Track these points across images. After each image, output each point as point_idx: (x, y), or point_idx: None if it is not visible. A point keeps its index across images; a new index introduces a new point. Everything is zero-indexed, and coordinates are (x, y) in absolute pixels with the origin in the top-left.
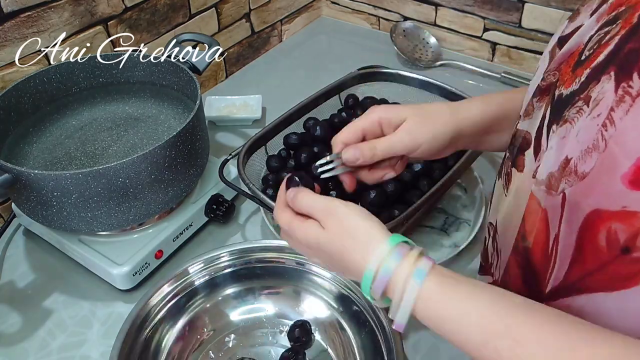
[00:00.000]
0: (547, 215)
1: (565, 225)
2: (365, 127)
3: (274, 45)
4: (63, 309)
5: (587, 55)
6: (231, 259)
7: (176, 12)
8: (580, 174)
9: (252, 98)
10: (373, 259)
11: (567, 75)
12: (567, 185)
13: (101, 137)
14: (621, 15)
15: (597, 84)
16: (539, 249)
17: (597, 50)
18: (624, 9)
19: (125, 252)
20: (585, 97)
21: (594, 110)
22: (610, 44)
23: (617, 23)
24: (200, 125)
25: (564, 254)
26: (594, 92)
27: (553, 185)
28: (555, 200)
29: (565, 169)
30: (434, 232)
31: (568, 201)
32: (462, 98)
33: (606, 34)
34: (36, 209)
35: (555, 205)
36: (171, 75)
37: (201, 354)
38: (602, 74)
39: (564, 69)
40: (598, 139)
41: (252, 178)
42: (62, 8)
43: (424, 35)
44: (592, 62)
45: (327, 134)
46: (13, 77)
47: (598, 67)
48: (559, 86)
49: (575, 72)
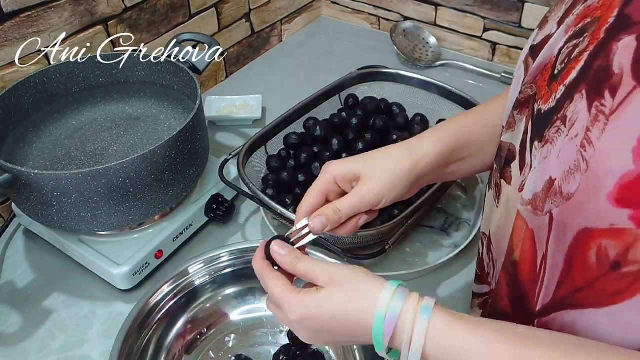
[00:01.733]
0: (534, 235)
1: (553, 244)
2: (322, 189)
3: (274, 45)
4: (63, 309)
5: (559, 69)
6: (231, 259)
7: (176, 12)
8: (565, 194)
9: (252, 98)
10: (380, 304)
11: (544, 89)
12: (554, 206)
13: (101, 137)
14: (588, 28)
15: (571, 102)
16: (526, 268)
17: (568, 66)
18: (589, 20)
19: (125, 252)
20: (562, 117)
21: (571, 131)
22: (580, 61)
23: (584, 36)
24: (200, 125)
25: (553, 272)
26: (568, 111)
27: (538, 205)
28: (541, 221)
29: (550, 189)
30: (434, 232)
31: (556, 221)
32: (462, 98)
33: (574, 47)
34: (36, 209)
35: (543, 226)
36: (171, 75)
37: (201, 354)
38: (575, 92)
39: (540, 83)
40: (579, 160)
41: (252, 178)
42: (62, 8)
43: (424, 35)
44: (565, 79)
45: (327, 134)
46: (13, 77)
47: (571, 84)
48: (537, 100)
49: (550, 87)
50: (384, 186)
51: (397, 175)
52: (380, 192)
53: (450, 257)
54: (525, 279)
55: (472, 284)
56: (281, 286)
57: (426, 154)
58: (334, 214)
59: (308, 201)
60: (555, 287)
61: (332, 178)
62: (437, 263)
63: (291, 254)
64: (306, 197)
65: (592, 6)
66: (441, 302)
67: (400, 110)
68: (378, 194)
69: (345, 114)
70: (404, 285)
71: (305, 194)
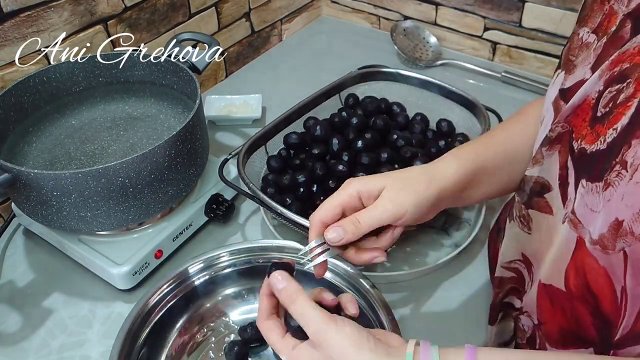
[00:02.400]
0: (607, 272)
1: (631, 278)
2: (343, 202)
3: (274, 44)
4: (63, 308)
5: (604, 112)
6: (231, 259)
7: (176, 11)
8: (637, 235)
9: (252, 97)
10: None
11: (585, 129)
12: (626, 245)
13: (101, 137)
14: (629, 74)
15: (629, 148)
16: (607, 300)
17: (616, 111)
18: (628, 66)
19: (125, 252)
20: (622, 162)
21: (635, 175)
22: (630, 107)
23: (627, 82)
24: (200, 125)
25: (634, 303)
26: (628, 156)
27: (607, 245)
28: (614, 258)
29: (619, 230)
30: (434, 231)
31: (630, 258)
32: (463, 97)
33: (619, 93)
34: (36, 209)
35: (616, 262)
36: (171, 75)
37: (201, 354)
38: (631, 137)
39: (575, 122)
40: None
41: (252, 178)
42: (62, 7)
43: (425, 35)
44: (614, 123)
45: (328, 133)
46: (13, 77)
47: (624, 130)
48: (576, 139)
49: (594, 128)
50: (408, 201)
51: (422, 193)
52: (403, 204)
53: (451, 257)
54: (608, 309)
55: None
56: (275, 335)
57: (450, 175)
58: (352, 224)
59: (323, 212)
60: (634, 318)
61: (357, 193)
62: (438, 263)
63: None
64: (323, 205)
65: (627, 52)
66: (441, 301)
67: (400, 109)
68: (401, 206)
69: (346, 113)
70: (417, 346)
71: (322, 204)
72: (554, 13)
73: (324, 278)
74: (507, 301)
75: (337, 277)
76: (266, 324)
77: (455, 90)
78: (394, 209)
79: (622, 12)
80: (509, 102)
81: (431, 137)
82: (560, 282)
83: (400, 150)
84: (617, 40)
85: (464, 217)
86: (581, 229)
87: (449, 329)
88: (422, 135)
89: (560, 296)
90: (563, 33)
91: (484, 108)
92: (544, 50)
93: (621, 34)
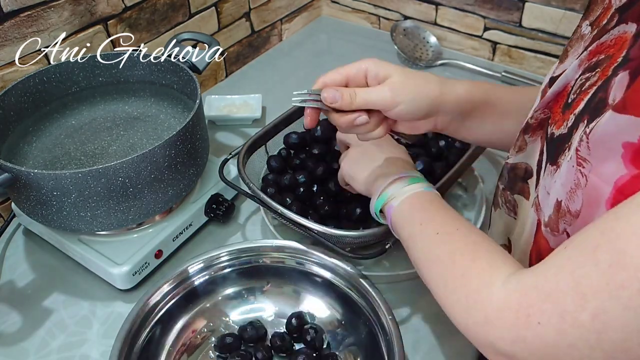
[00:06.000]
0: None
1: None
2: (350, 73)
3: (274, 44)
4: (63, 308)
5: (572, 99)
6: (231, 259)
7: (176, 11)
8: (573, 212)
9: (252, 97)
10: None
11: (558, 115)
12: (566, 225)
13: (101, 137)
14: (600, 64)
15: (576, 131)
16: None
17: (579, 97)
18: (602, 57)
19: (125, 252)
20: (570, 145)
21: (572, 156)
22: (589, 93)
23: (595, 71)
24: (200, 125)
25: None
26: (574, 139)
27: (553, 227)
28: (560, 240)
29: (560, 210)
30: None
31: None
32: None
33: (586, 81)
34: (36, 209)
35: None
36: (171, 75)
37: (201, 354)
38: (580, 121)
39: (554, 108)
40: (578, 178)
41: (252, 177)
42: (62, 7)
43: (425, 35)
44: (574, 108)
45: (328, 133)
46: (13, 77)
47: (579, 115)
48: (550, 124)
49: (564, 114)
50: (405, 94)
51: (422, 92)
52: (399, 96)
53: None
54: None
55: None
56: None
57: (457, 90)
58: (349, 95)
59: (330, 75)
60: None
61: (365, 68)
62: None
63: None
64: (331, 71)
65: (604, 44)
66: None
67: None
68: (397, 97)
69: None
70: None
71: (331, 70)
72: (554, 13)
73: (324, 278)
74: None
75: (337, 277)
76: None
77: None
78: (390, 97)
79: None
80: None
81: (431, 137)
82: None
83: None
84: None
85: (464, 216)
86: (540, 212)
87: (448, 329)
88: (423, 135)
89: None
90: (563, 33)
91: None
92: (544, 50)
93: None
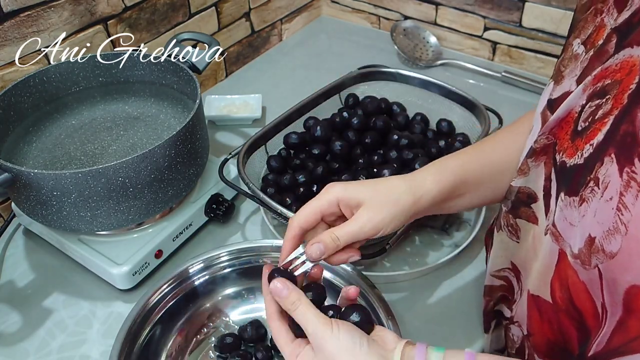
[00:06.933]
0: (587, 287)
1: (607, 295)
2: (323, 208)
3: (274, 44)
4: (63, 308)
5: (584, 127)
6: (231, 259)
7: (176, 11)
8: (608, 253)
9: (252, 97)
10: None
11: (566, 142)
12: (599, 262)
13: (101, 137)
14: (609, 90)
15: (601, 165)
16: (590, 315)
17: (593, 126)
18: (609, 82)
19: (125, 252)
20: (595, 179)
21: (606, 193)
22: (606, 123)
23: (606, 98)
24: (200, 125)
25: (611, 320)
26: (600, 173)
27: (584, 260)
28: (591, 274)
29: (592, 246)
30: (434, 232)
31: (604, 277)
32: (463, 97)
33: (598, 108)
34: (36, 209)
35: (594, 278)
36: (171, 75)
37: (201, 354)
38: (603, 154)
39: (560, 134)
40: (617, 223)
41: (252, 177)
42: (62, 7)
43: (425, 35)
44: (591, 138)
45: (328, 133)
46: (13, 77)
47: (598, 147)
48: (558, 151)
49: (574, 142)
50: (384, 218)
51: (398, 209)
52: (380, 223)
53: (451, 257)
54: (592, 325)
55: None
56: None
57: (428, 191)
58: (332, 241)
59: (303, 215)
60: (610, 335)
61: (336, 200)
62: (438, 263)
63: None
64: (302, 210)
65: (610, 68)
66: (441, 301)
67: (400, 109)
68: (377, 225)
69: (346, 113)
70: None
71: (302, 208)
72: (554, 13)
73: (325, 277)
74: (498, 309)
75: (337, 277)
76: (276, 325)
77: (455, 90)
78: (371, 228)
79: (610, 25)
80: (509, 102)
81: (431, 137)
82: (546, 294)
83: (400, 151)
84: (602, 54)
85: (464, 217)
86: (562, 242)
87: (448, 329)
88: (422, 135)
89: (547, 308)
90: (563, 33)
91: (484, 108)
92: (544, 50)
93: (606, 48)
